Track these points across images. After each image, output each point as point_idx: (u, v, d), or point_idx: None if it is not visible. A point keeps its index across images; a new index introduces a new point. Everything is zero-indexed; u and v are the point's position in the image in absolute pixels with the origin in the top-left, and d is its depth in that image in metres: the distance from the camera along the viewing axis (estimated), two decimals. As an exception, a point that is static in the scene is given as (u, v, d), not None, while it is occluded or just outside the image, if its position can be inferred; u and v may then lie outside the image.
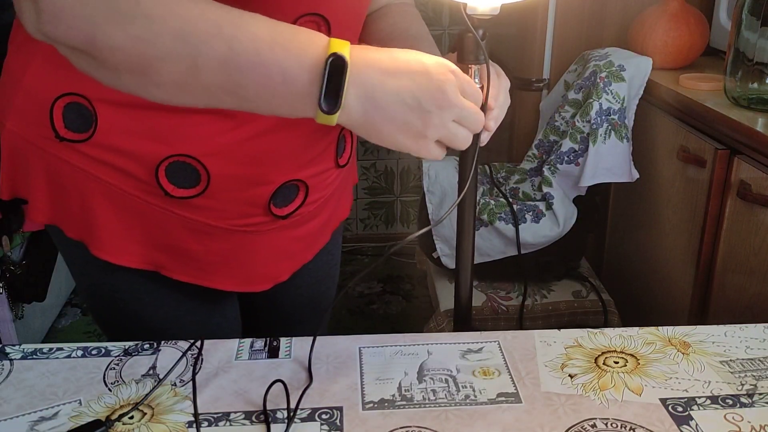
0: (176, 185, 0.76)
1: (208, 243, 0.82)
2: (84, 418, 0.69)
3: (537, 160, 1.73)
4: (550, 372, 0.76)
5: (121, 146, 0.74)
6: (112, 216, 0.78)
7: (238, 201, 0.80)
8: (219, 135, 0.75)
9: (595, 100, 1.53)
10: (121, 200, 0.77)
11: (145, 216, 0.79)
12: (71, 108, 0.74)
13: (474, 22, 0.70)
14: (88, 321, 2.31)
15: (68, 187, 0.78)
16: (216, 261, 0.84)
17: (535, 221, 1.58)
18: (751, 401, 0.72)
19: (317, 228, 0.93)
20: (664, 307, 1.57)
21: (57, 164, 0.76)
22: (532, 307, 1.61)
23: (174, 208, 0.78)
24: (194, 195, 0.77)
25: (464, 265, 0.82)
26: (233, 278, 0.87)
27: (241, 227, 0.82)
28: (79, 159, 0.75)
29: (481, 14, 0.69)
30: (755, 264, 1.23)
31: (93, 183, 0.76)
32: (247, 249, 0.85)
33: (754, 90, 1.30)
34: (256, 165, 0.79)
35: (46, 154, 0.76)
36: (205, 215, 0.79)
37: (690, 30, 1.60)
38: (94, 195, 0.77)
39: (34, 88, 0.75)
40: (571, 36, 1.81)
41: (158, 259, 0.83)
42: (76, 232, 0.81)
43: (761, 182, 1.20)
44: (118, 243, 0.80)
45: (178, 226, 0.80)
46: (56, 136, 0.74)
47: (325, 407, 0.71)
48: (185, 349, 0.80)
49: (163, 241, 0.81)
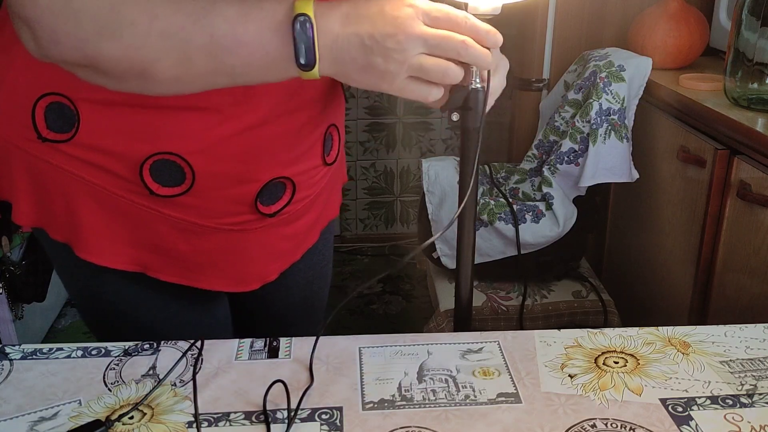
0: (161, 183, 0.76)
1: (195, 242, 0.81)
2: (84, 418, 0.69)
3: (537, 161, 1.73)
4: (550, 372, 0.76)
5: (104, 145, 0.74)
6: (96, 217, 0.78)
7: (224, 199, 0.79)
8: (203, 132, 0.75)
9: (595, 100, 1.53)
10: (105, 200, 0.77)
11: (130, 216, 0.78)
12: (53, 108, 0.73)
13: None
14: (88, 321, 2.31)
15: (52, 189, 0.77)
16: (204, 261, 0.84)
17: (535, 221, 1.58)
18: (751, 401, 0.72)
19: (306, 227, 0.93)
20: (664, 307, 1.57)
21: (40, 165, 0.76)
22: (532, 307, 1.61)
23: (160, 207, 0.77)
24: (179, 193, 0.77)
25: (464, 265, 0.82)
26: (221, 278, 0.87)
27: (228, 226, 0.82)
28: (62, 159, 0.75)
29: (483, 14, 0.70)
30: (755, 264, 1.23)
31: (77, 183, 0.76)
32: (235, 248, 0.84)
33: (754, 90, 1.30)
34: (242, 162, 0.78)
35: (29, 155, 0.76)
36: (191, 214, 0.79)
37: (690, 30, 1.60)
38: (78, 196, 0.77)
39: (15, 89, 0.74)
40: (571, 36, 1.81)
41: (145, 260, 0.82)
42: (62, 234, 0.80)
43: (761, 182, 1.20)
44: (103, 244, 0.79)
45: (164, 226, 0.79)
46: (38, 136, 0.74)
47: (325, 407, 0.71)
48: (185, 349, 0.80)
49: (149, 241, 0.80)
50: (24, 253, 1.68)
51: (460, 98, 0.71)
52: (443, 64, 0.63)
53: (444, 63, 0.63)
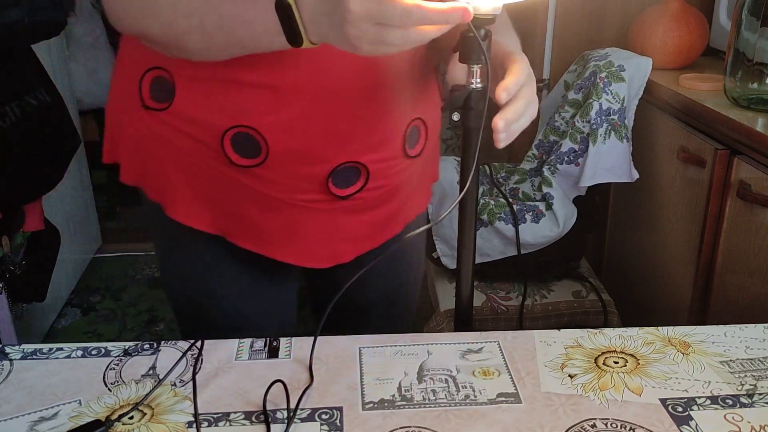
0: (240, 154, 0.82)
1: (269, 214, 0.87)
2: (84, 418, 0.69)
3: (537, 161, 1.73)
4: (550, 372, 0.76)
5: (193, 115, 0.82)
6: (184, 181, 0.86)
7: (296, 175, 0.84)
8: (277, 109, 0.80)
9: (595, 101, 1.53)
10: (192, 166, 0.85)
11: (213, 183, 0.85)
12: (156, 80, 0.84)
13: (476, 21, 0.70)
14: (88, 321, 2.31)
15: (149, 152, 0.87)
16: (276, 232, 0.89)
17: (535, 221, 1.58)
18: (751, 401, 0.72)
19: (385, 216, 0.94)
20: (664, 307, 1.57)
21: (142, 132, 0.86)
22: (532, 307, 1.61)
23: (239, 176, 0.84)
24: (255, 165, 0.83)
25: (465, 264, 0.82)
26: (293, 252, 0.90)
27: (300, 202, 0.86)
28: (160, 126, 0.84)
29: (483, 14, 0.70)
30: (755, 264, 1.23)
31: (169, 149, 0.85)
32: (307, 224, 0.89)
33: (753, 90, 1.30)
34: (313, 142, 0.82)
35: (134, 122, 0.86)
36: (265, 186, 0.84)
37: (690, 30, 1.60)
38: (170, 160, 0.86)
39: (128, 65, 0.87)
40: (571, 36, 1.81)
41: (224, 225, 0.88)
42: (155, 194, 0.89)
43: (761, 182, 1.20)
44: (188, 206, 0.87)
45: (242, 195, 0.86)
46: (142, 104, 0.84)
47: (325, 407, 0.71)
48: (185, 349, 0.80)
49: (228, 208, 0.87)
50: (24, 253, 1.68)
51: (461, 98, 0.71)
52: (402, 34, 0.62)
53: (402, 33, 0.62)
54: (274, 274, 0.96)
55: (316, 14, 0.65)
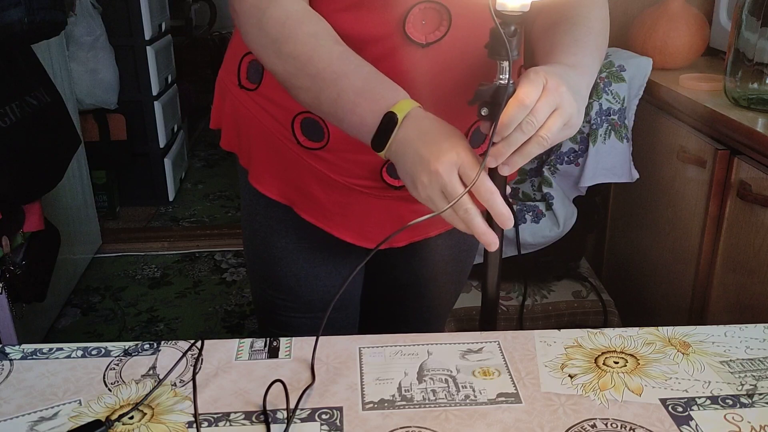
0: (306, 137, 0.93)
1: (329, 192, 0.96)
2: (84, 418, 0.69)
3: (537, 160, 1.73)
4: (550, 372, 0.76)
5: (274, 98, 0.93)
6: (263, 152, 0.98)
7: (353, 161, 0.92)
8: None
9: (595, 101, 1.53)
10: (270, 141, 0.96)
11: (285, 158, 0.96)
12: (252, 64, 0.95)
13: (504, 18, 0.70)
14: (88, 321, 2.31)
15: (241, 124, 1.00)
16: (335, 211, 0.98)
17: (534, 221, 1.58)
18: (751, 401, 0.72)
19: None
20: (664, 307, 1.57)
21: (237, 104, 0.99)
22: (532, 307, 1.61)
23: (305, 156, 0.94)
24: (318, 148, 0.93)
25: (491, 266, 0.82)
26: (349, 230, 0.99)
27: (356, 186, 0.94)
28: (250, 104, 0.96)
29: (511, 10, 0.70)
30: (755, 264, 1.23)
31: (254, 124, 0.97)
32: (362, 208, 0.97)
33: (754, 90, 1.30)
34: None
35: (233, 96, 0.99)
36: (327, 167, 0.94)
37: (690, 30, 1.60)
38: (255, 132, 0.97)
39: (235, 45, 0.98)
40: (571, 36, 1.81)
41: (292, 197, 0.99)
42: (244, 161, 1.02)
43: (761, 182, 1.20)
44: (264, 176, 0.99)
45: (307, 173, 0.95)
46: (239, 83, 0.97)
47: (325, 407, 0.71)
48: (185, 349, 0.80)
49: (296, 183, 0.97)
50: (24, 253, 1.68)
51: (488, 93, 0.72)
52: (440, 202, 0.73)
53: (441, 201, 0.72)
54: (333, 248, 1.04)
55: (407, 143, 0.73)
